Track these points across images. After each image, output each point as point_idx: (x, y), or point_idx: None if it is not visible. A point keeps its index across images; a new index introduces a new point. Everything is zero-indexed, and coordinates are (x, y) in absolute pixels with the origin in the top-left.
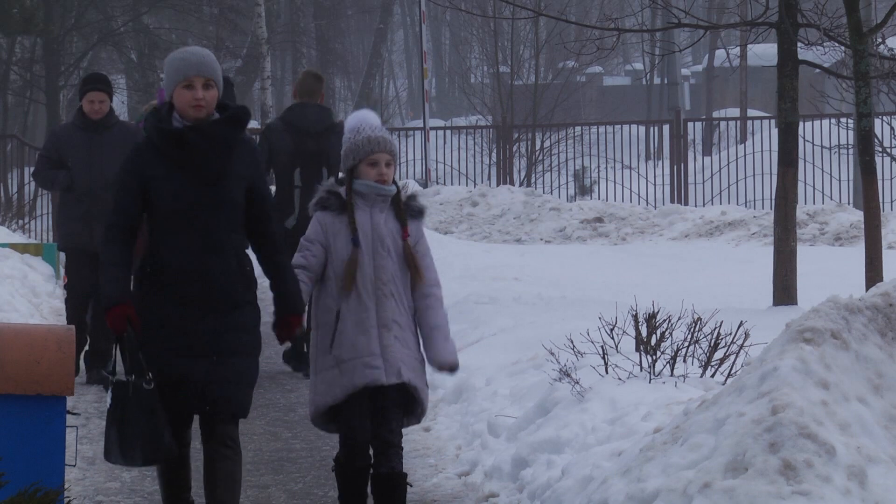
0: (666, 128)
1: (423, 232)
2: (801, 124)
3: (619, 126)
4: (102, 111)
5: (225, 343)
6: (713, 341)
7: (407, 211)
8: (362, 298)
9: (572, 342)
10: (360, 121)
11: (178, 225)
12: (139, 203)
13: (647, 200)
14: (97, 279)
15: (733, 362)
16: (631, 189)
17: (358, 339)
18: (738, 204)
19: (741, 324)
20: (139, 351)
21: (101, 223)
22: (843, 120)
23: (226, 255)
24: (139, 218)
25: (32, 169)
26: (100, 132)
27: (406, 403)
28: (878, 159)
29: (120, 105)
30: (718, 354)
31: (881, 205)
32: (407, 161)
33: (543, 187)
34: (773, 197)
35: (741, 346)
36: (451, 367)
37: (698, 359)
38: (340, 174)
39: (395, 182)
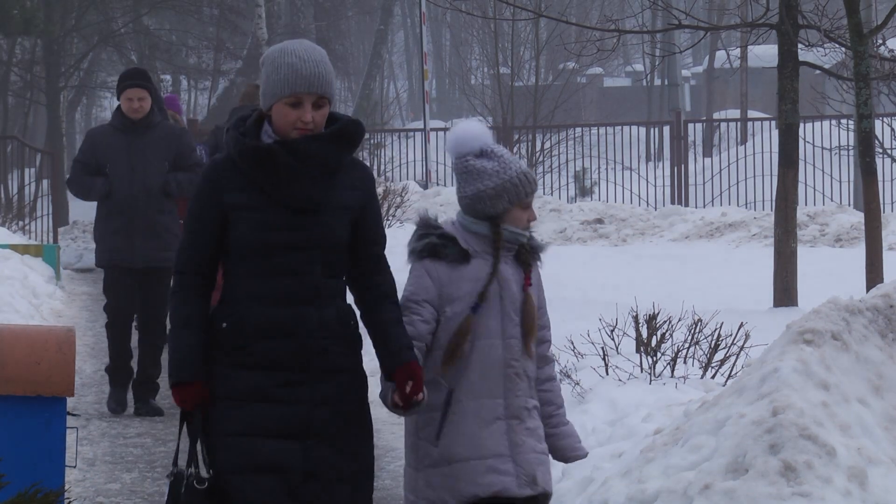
0: (666, 129)
1: (540, 276)
2: (801, 125)
3: (620, 127)
4: (143, 110)
5: (322, 421)
6: (713, 342)
7: (529, 254)
8: (487, 378)
9: (573, 343)
10: (480, 142)
11: (264, 268)
12: (218, 240)
13: (647, 202)
14: (144, 300)
15: (734, 363)
16: (631, 190)
17: (479, 434)
18: (738, 205)
19: (741, 325)
20: (201, 436)
21: (144, 236)
22: (844, 121)
23: (323, 306)
24: (217, 260)
25: (67, 176)
26: (141, 134)
27: None
28: (878, 160)
29: None
30: (719, 356)
31: (881, 206)
32: (407, 162)
33: (544, 188)
34: (774, 198)
35: (741, 348)
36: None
37: (699, 360)
38: None
39: None
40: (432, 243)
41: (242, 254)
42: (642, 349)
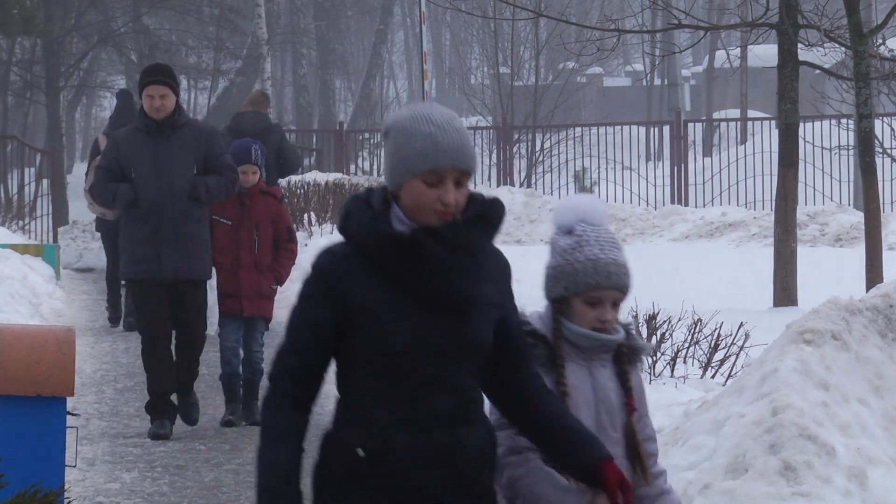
0: (666, 129)
1: (641, 380)
2: (801, 125)
3: (620, 127)
4: (166, 108)
5: None
6: (713, 342)
7: (627, 357)
8: None
9: None
10: (580, 219)
11: (407, 381)
12: (329, 345)
13: (647, 201)
14: (175, 314)
15: (733, 363)
16: (631, 190)
17: None
18: (738, 205)
19: (741, 325)
20: None
21: (172, 246)
22: (844, 121)
23: (476, 424)
24: (326, 368)
25: (89, 183)
26: (165, 135)
27: None
28: (878, 160)
29: None
30: (719, 355)
31: (881, 206)
32: None
33: (544, 188)
34: (774, 198)
35: (741, 348)
36: None
37: (698, 360)
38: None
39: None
40: None
41: (375, 364)
42: None
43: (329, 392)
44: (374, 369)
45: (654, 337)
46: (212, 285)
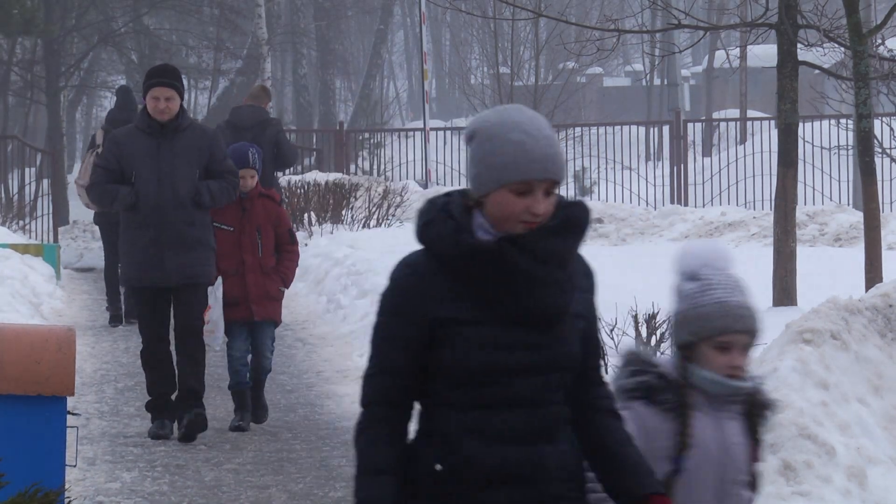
0: (666, 129)
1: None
2: (800, 125)
3: (619, 127)
4: (171, 111)
5: None
6: None
7: (756, 411)
8: None
9: None
10: (704, 263)
11: (491, 397)
12: (419, 363)
13: (646, 201)
14: (177, 315)
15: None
16: (631, 190)
17: None
18: (737, 205)
19: None
20: None
21: (175, 251)
22: (843, 121)
23: (560, 442)
24: (417, 385)
25: (84, 179)
26: (169, 137)
27: None
28: (877, 160)
29: None
30: None
31: (881, 205)
32: (407, 162)
33: None
34: (773, 198)
35: None
36: None
37: None
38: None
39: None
40: (648, 384)
41: (458, 379)
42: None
43: (329, 392)
44: (454, 383)
45: (654, 337)
46: (217, 296)
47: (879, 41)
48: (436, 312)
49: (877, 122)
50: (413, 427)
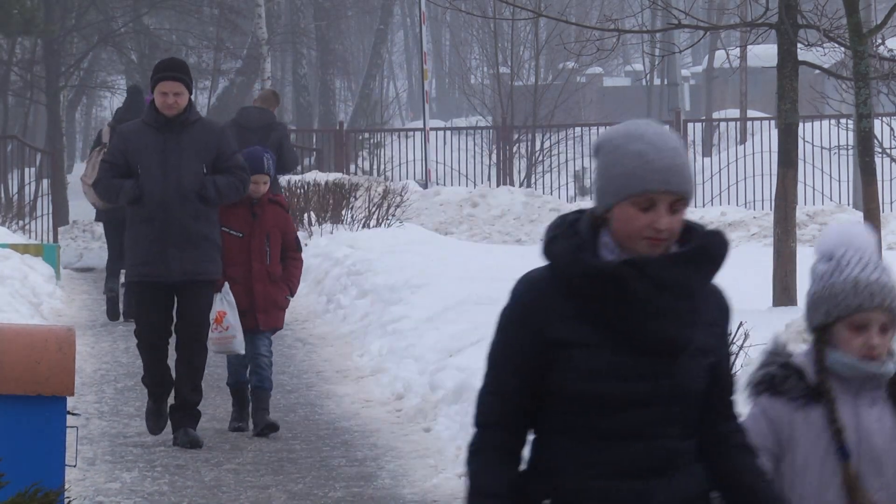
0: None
1: None
2: (800, 125)
3: None
4: (179, 106)
5: None
6: None
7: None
8: None
9: None
10: (840, 243)
11: (602, 427)
12: (536, 383)
13: None
14: (180, 315)
15: (733, 363)
16: None
17: None
18: (737, 205)
19: (741, 324)
20: None
21: (180, 246)
22: (843, 121)
23: (676, 477)
24: (533, 408)
25: (90, 175)
26: (176, 132)
27: None
28: (877, 160)
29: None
30: None
31: (881, 206)
32: (407, 162)
33: (543, 188)
34: (773, 198)
35: (741, 347)
36: None
37: None
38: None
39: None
40: (771, 374)
41: (568, 407)
42: None
43: (329, 392)
44: (566, 411)
45: None
46: (230, 301)
47: (879, 41)
48: (553, 332)
49: (877, 122)
50: (525, 454)
